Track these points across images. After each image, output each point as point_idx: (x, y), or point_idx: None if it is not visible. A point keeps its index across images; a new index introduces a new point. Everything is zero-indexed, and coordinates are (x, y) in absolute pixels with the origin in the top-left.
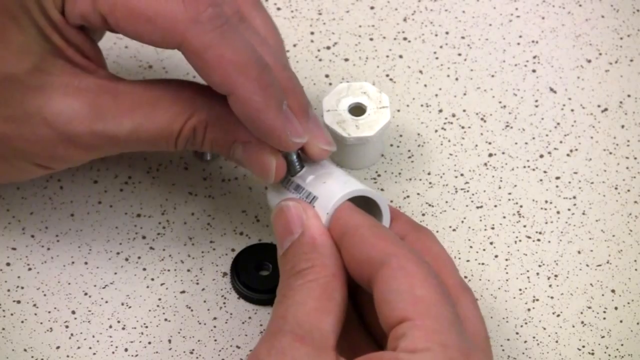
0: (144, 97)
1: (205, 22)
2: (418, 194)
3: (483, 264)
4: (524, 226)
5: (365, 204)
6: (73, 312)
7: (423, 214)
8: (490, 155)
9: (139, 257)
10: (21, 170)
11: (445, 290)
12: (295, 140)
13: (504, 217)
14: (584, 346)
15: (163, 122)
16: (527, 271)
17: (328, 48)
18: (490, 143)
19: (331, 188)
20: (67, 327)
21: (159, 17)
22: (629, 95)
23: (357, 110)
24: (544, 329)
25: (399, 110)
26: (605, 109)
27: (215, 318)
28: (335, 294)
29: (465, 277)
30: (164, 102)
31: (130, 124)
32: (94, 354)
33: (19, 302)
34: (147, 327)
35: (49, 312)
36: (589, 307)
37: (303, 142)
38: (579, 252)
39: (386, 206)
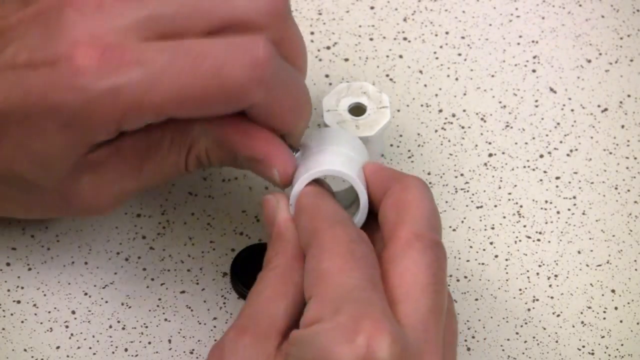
0: (144, 145)
1: (268, 81)
2: None
3: (483, 264)
4: (524, 226)
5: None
6: (73, 312)
7: None
8: (490, 155)
9: (139, 257)
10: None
11: (363, 255)
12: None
13: (504, 217)
14: (584, 346)
15: (168, 161)
16: (527, 271)
17: (328, 48)
18: (490, 143)
19: (300, 171)
20: (67, 327)
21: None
22: (629, 95)
23: (357, 110)
24: (544, 329)
25: (399, 110)
26: (605, 109)
27: (215, 318)
28: (294, 276)
29: (465, 277)
30: (163, 142)
31: (143, 179)
32: (94, 354)
33: (19, 302)
34: (147, 327)
35: (49, 312)
36: (589, 307)
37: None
38: (579, 252)
39: (357, 181)
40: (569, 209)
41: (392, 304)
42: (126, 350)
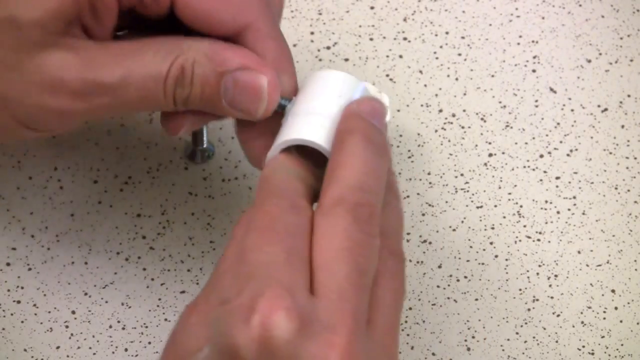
0: (133, 45)
1: (274, 8)
2: (418, 194)
3: (483, 264)
4: (524, 226)
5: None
6: (73, 312)
7: (423, 214)
8: (490, 155)
9: (139, 257)
10: (7, 128)
11: (285, 227)
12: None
13: (504, 217)
14: (584, 346)
15: (151, 64)
16: (527, 271)
17: (328, 48)
18: (490, 143)
19: (278, 136)
20: (67, 327)
21: (233, 3)
22: (629, 95)
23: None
24: (544, 329)
25: (399, 110)
26: (605, 109)
27: None
28: None
29: (465, 277)
30: (151, 46)
31: (119, 70)
32: (94, 354)
33: (19, 302)
34: (147, 327)
35: (49, 312)
36: (589, 307)
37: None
38: (579, 252)
39: (323, 147)
40: (569, 209)
41: (311, 275)
42: (126, 350)
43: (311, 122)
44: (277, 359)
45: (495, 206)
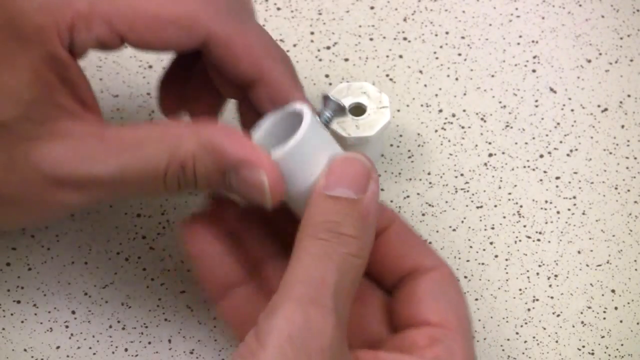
0: (130, 138)
1: (225, 14)
2: (418, 194)
3: (483, 264)
4: (524, 226)
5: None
6: (73, 312)
7: (423, 214)
8: (490, 155)
9: (139, 257)
10: (13, 219)
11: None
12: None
13: (504, 217)
14: (584, 346)
15: (149, 160)
16: (527, 271)
17: (328, 48)
18: (490, 143)
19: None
20: (67, 327)
21: (181, 18)
22: (629, 95)
23: (357, 110)
24: (544, 329)
25: (399, 110)
26: (605, 109)
27: (215, 318)
28: None
29: (465, 277)
30: (150, 140)
31: (115, 164)
32: (94, 354)
33: (19, 302)
34: (147, 327)
35: (49, 312)
36: (589, 307)
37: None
38: (579, 252)
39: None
40: (569, 209)
41: None
42: (126, 350)
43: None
44: None
45: (495, 206)
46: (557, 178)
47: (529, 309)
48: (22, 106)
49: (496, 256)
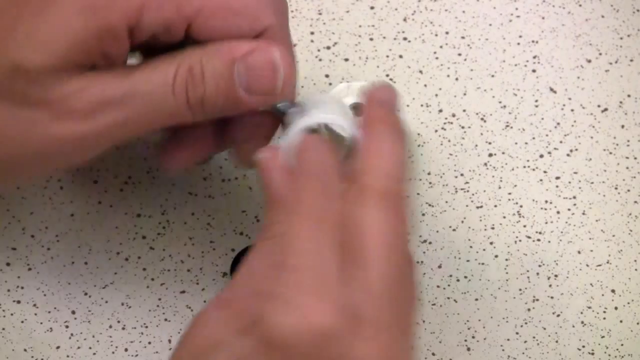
0: (141, 64)
1: (272, 5)
2: (418, 194)
3: (483, 264)
4: (524, 226)
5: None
6: (73, 312)
7: (423, 214)
8: (490, 155)
9: (139, 257)
10: (20, 167)
11: (324, 214)
12: None
13: (504, 217)
14: (584, 346)
15: (156, 71)
16: (527, 271)
17: (328, 48)
18: (490, 143)
19: (296, 122)
20: (67, 327)
21: (249, 8)
22: (629, 95)
23: (357, 110)
24: (544, 329)
25: (399, 110)
26: (605, 109)
27: None
28: None
29: (465, 277)
30: (155, 59)
31: (125, 84)
32: (94, 354)
33: (19, 302)
34: (147, 327)
35: (49, 312)
36: (589, 307)
37: None
38: (579, 252)
39: (351, 128)
40: (569, 209)
41: (348, 264)
42: (126, 350)
43: (329, 110)
44: (327, 352)
45: (495, 206)
46: (557, 178)
47: (529, 309)
48: (52, 60)
49: (496, 256)
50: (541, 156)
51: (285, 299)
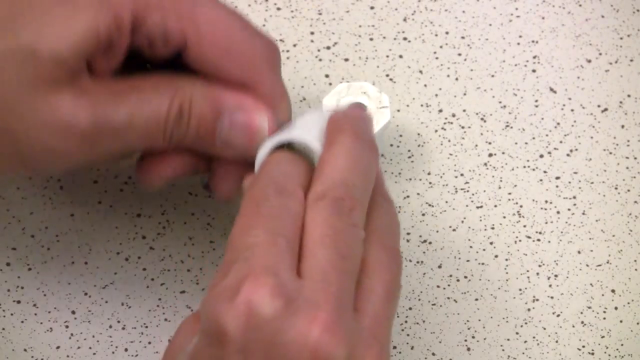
0: (132, 83)
1: (277, 65)
2: (418, 194)
3: (483, 264)
4: (524, 226)
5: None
6: (73, 312)
7: (423, 214)
8: (490, 155)
9: (139, 257)
10: (4, 162)
11: (271, 210)
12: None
13: (504, 217)
14: (584, 346)
15: (152, 102)
16: (527, 271)
17: (328, 48)
18: (490, 143)
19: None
20: (67, 327)
21: (243, 54)
22: (629, 95)
23: None
24: (544, 329)
25: (399, 110)
26: (605, 109)
27: None
28: None
29: (465, 277)
30: (149, 83)
31: (124, 110)
32: (94, 354)
33: (19, 302)
34: (147, 327)
35: (49, 312)
36: (589, 307)
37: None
38: (579, 252)
39: (314, 145)
40: (569, 209)
41: (299, 261)
42: (126, 350)
43: (298, 127)
44: (263, 335)
45: (495, 206)
46: (557, 178)
47: (529, 309)
48: (64, 47)
49: (496, 256)
50: (541, 156)
51: (224, 286)
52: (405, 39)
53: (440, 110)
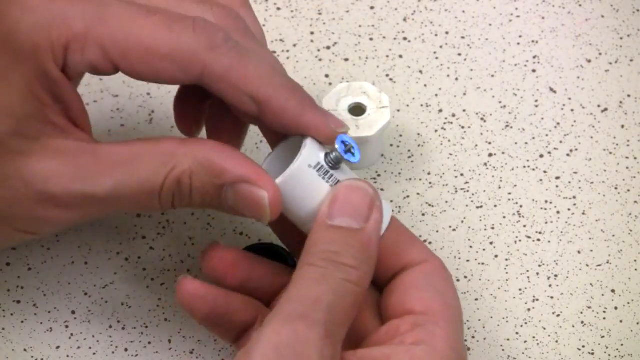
0: (124, 155)
1: (220, 46)
2: (418, 194)
3: (483, 264)
4: (524, 226)
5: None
6: (73, 312)
7: (423, 214)
8: (490, 155)
9: (139, 257)
10: (3, 235)
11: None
12: (339, 130)
13: (504, 217)
14: (584, 346)
15: (144, 176)
16: (527, 271)
17: (328, 48)
18: (490, 143)
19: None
20: (67, 327)
21: (176, 52)
22: (629, 95)
23: (357, 110)
24: (544, 329)
25: (399, 110)
26: (605, 109)
27: None
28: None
29: (465, 277)
30: (144, 157)
31: (110, 182)
32: (94, 354)
33: (19, 302)
34: (147, 327)
35: (49, 312)
36: (589, 307)
37: (347, 130)
38: (579, 252)
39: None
40: (569, 209)
41: None
42: (126, 350)
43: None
44: None
45: (495, 206)
46: (557, 178)
47: (529, 309)
48: (14, 121)
49: (496, 256)
50: (541, 156)
51: None
52: (405, 39)
53: (440, 110)
